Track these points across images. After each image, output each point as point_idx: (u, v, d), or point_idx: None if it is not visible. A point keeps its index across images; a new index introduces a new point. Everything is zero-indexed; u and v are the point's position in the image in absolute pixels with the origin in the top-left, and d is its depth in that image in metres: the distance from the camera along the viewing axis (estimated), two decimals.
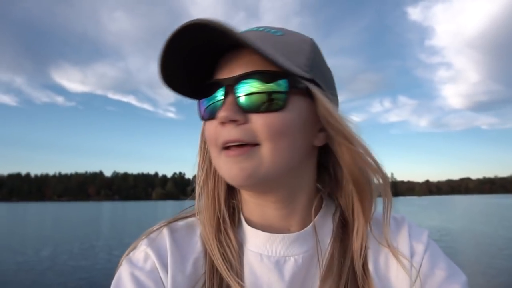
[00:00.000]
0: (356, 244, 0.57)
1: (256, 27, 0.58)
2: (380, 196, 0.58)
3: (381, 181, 0.57)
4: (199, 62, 0.55)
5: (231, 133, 0.51)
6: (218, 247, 0.56)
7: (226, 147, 0.53)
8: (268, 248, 0.57)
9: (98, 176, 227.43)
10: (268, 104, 0.50)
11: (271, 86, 0.50)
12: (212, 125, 0.54)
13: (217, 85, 0.53)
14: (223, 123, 0.51)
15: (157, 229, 0.60)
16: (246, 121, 0.51)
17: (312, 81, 0.54)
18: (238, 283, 0.53)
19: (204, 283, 0.55)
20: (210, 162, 0.60)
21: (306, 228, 0.59)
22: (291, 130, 0.52)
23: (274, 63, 0.47)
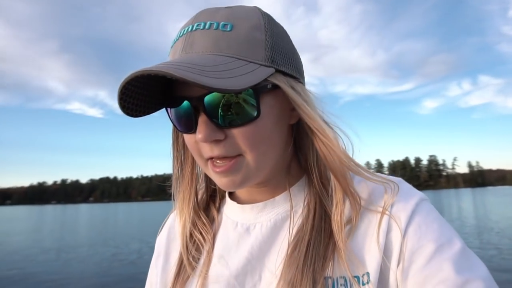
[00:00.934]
0: (335, 214, 0.55)
1: (203, 21, 0.53)
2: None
3: (342, 157, 0.55)
4: (157, 86, 0.54)
5: (213, 150, 0.53)
6: (193, 218, 0.67)
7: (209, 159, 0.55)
8: (242, 217, 0.63)
9: None
10: (241, 116, 0.51)
11: (240, 98, 0.50)
12: (191, 139, 0.55)
13: (183, 100, 0.53)
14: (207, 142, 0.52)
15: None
16: (226, 137, 0.52)
17: (276, 71, 0.53)
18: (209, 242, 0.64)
19: (184, 245, 0.66)
20: (184, 151, 0.66)
21: (276, 197, 0.62)
22: (268, 131, 0.54)
23: (234, 91, 0.48)
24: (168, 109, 0.57)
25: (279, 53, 0.55)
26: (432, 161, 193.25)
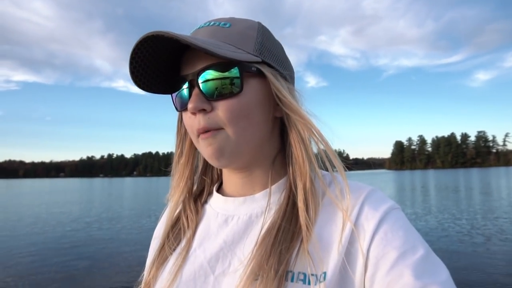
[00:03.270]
0: (300, 213, 0.58)
1: (208, 22, 0.64)
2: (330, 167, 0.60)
3: (322, 147, 0.60)
4: (166, 63, 0.63)
5: (200, 122, 0.59)
6: (184, 205, 0.73)
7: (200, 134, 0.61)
8: (224, 208, 0.68)
9: None
10: (227, 91, 0.58)
11: (226, 75, 0.58)
12: (186, 115, 0.62)
13: (183, 80, 0.61)
14: (194, 113, 0.59)
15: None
16: (212, 109, 0.58)
17: (263, 62, 0.61)
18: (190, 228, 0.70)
19: (171, 229, 0.72)
20: (188, 144, 0.72)
21: (256, 194, 0.66)
22: (250, 109, 0.59)
23: (220, 56, 0.54)
24: (173, 95, 0.65)
25: (268, 51, 0.63)
26: (481, 137, 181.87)
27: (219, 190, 0.74)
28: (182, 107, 0.63)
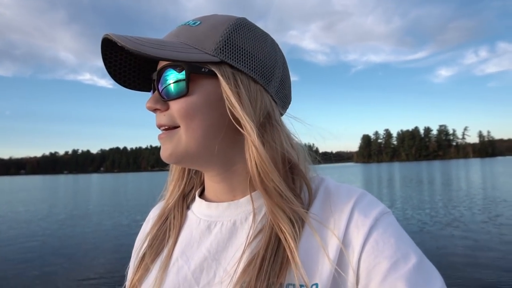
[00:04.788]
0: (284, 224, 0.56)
1: (185, 22, 0.63)
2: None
3: (296, 157, 0.60)
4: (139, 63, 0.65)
5: (159, 119, 0.60)
6: (174, 212, 0.70)
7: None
8: (207, 213, 0.66)
9: None
10: (175, 91, 0.58)
11: (177, 76, 0.57)
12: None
13: (152, 80, 0.64)
14: (154, 111, 0.61)
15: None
16: (168, 108, 0.59)
17: (222, 62, 0.57)
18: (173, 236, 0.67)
19: (155, 236, 0.70)
20: None
21: (240, 199, 0.63)
22: (198, 111, 0.57)
23: (165, 58, 0.55)
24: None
25: (236, 50, 0.58)
26: (442, 131, 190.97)
27: (201, 195, 0.71)
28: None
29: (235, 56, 0.58)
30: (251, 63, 0.59)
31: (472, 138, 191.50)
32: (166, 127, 0.60)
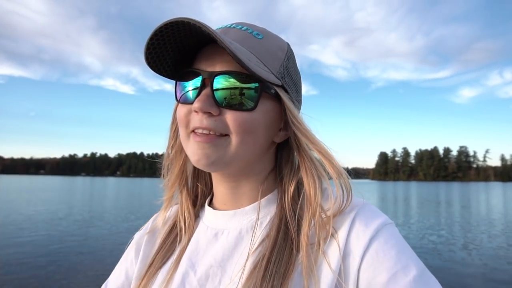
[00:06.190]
0: (302, 233, 0.57)
1: (241, 25, 0.61)
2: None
3: (333, 173, 0.58)
4: (181, 47, 0.59)
5: (203, 121, 0.56)
6: (183, 219, 0.71)
7: (194, 131, 0.59)
8: (214, 222, 0.67)
9: None
10: (240, 103, 0.56)
11: (245, 87, 0.55)
12: (185, 108, 0.60)
13: (196, 74, 0.58)
14: (196, 111, 0.57)
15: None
16: (220, 114, 0.56)
17: (282, 86, 0.60)
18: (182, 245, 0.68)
19: (163, 242, 0.71)
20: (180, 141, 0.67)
21: (245, 207, 0.65)
22: (258, 128, 0.58)
23: (248, 69, 0.52)
24: (178, 82, 0.62)
25: (289, 77, 0.62)
26: (462, 152, 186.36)
27: (210, 203, 0.72)
28: (185, 100, 0.60)
29: (289, 82, 0.62)
30: (295, 90, 0.65)
31: (494, 161, 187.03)
32: (211, 132, 0.57)
